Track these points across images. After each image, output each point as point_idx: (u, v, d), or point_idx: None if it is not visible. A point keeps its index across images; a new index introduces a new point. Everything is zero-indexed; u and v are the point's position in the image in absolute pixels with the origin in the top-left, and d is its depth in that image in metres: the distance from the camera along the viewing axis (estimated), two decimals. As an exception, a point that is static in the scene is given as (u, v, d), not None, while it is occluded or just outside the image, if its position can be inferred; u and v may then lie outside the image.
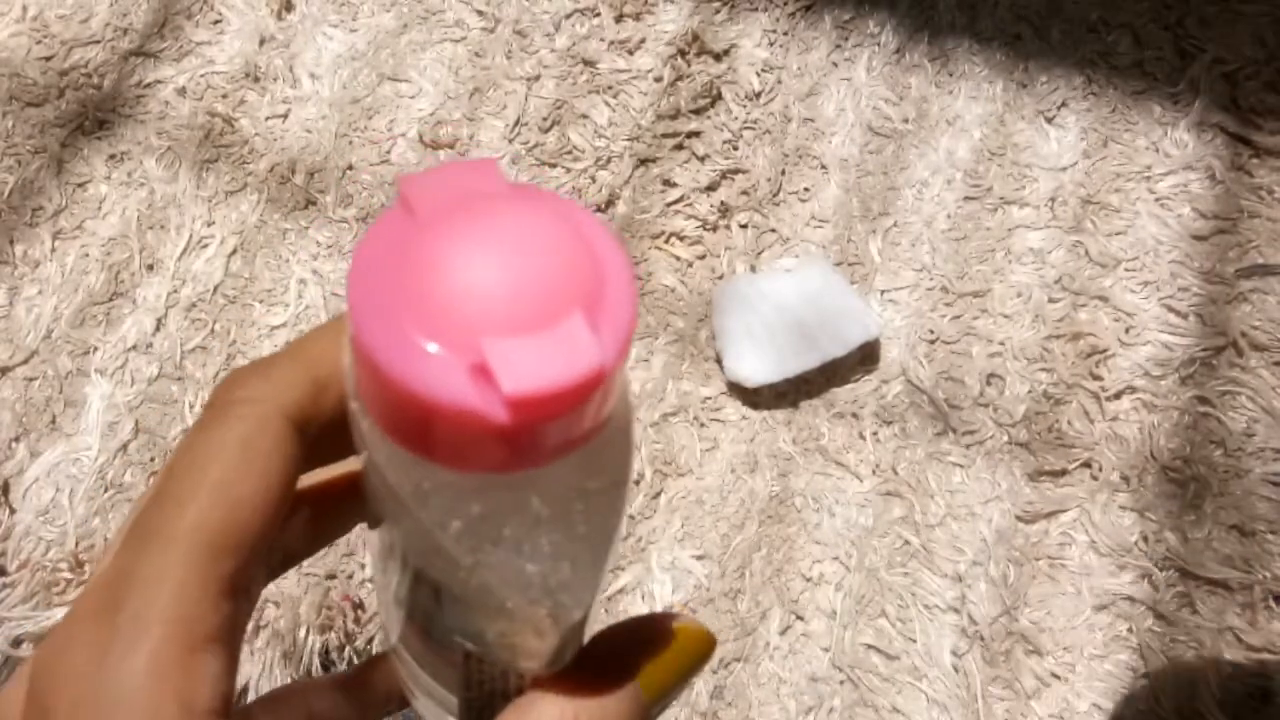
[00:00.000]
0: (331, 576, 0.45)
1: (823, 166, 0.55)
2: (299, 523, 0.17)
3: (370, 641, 0.44)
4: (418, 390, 0.11)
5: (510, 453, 0.12)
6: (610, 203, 0.53)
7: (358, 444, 0.14)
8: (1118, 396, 0.49)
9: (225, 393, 0.14)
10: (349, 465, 0.17)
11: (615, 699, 0.15)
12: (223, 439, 0.14)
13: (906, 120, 0.56)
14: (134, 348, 0.50)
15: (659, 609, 0.45)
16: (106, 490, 0.47)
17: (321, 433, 0.15)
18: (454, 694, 0.17)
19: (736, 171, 0.54)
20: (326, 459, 0.16)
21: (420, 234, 0.12)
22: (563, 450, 0.12)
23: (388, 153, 0.55)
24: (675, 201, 0.53)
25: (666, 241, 0.53)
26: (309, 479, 0.16)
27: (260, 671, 0.43)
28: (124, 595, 0.13)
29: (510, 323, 0.11)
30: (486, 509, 0.13)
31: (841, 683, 0.43)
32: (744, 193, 0.54)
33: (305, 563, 0.40)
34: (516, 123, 0.56)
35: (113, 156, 0.55)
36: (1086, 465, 0.47)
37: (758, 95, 0.56)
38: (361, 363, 0.12)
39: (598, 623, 0.16)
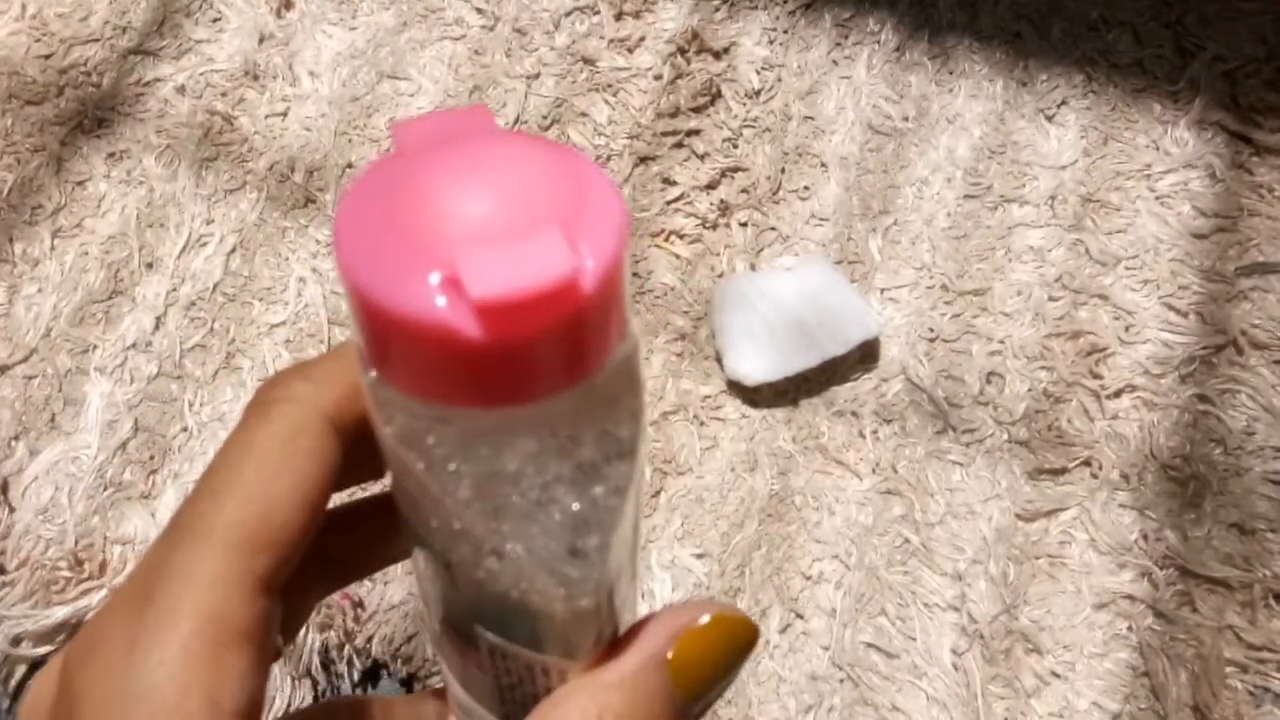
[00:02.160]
0: (331, 575, 0.45)
1: (823, 165, 0.55)
2: (363, 537, 0.17)
3: (370, 640, 0.44)
4: (393, 307, 0.11)
5: (495, 379, 0.11)
6: (610, 201, 0.53)
7: (372, 420, 0.13)
8: (1118, 395, 0.48)
9: (266, 392, 0.14)
10: None
11: (645, 689, 0.14)
12: (261, 437, 0.14)
13: (906, 118, 0.56)
14: (133, 346, 0.50)
15: (659, 607, 0.45)
16: (106, 489, 0.47)
17: (364, 436, 0.14)
18: (489, 709, 0.16)
19: (736, 170, 0.54)
20: (373, 468, 0.15)
21: (402, 166, 0.12)
22: (552, 382, 0.12)
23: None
24: (675, 200, 0.53)
25: (666, 240, 0.53)
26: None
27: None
28: (156, 589, 0.13)
29: (485, 238, 0.11)
30: (492, 466, 0.12)
31: (841, 681, 0.43)
32: (744, 191, 0.54)
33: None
34: (516, 120, 0.56)
35: (112, 155, 0.55)
36: (1086, 463, 0.47)
37: (757, 93, 0.56)
38: (346, 292, 0.12)
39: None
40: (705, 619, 0.15)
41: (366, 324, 0.12)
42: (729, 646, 0.15)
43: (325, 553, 0.16)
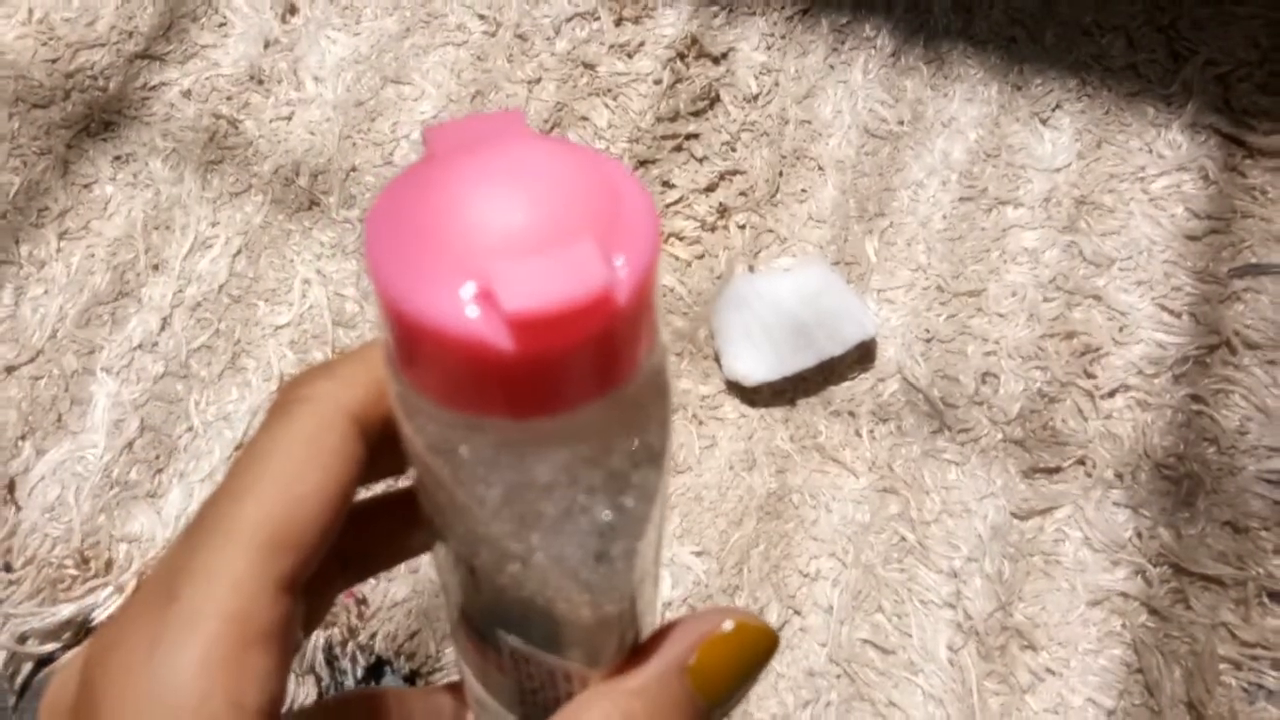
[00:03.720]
0: (334, 572, 0.45)
1: (820, 168, 0.55)
2: (383, 531, 0.17)
3: (373, 637, 0.44)
4: (425, 318, 0.11)
5: (527, 391, 0.11)
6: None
7: (399, 425, 0.13)
8: (1112, 395, 0.49)
9: (290, 391, 0.14)
10: None
11: (667, 696, 0.14)
12: (286, 436, 0.14)
13: (902, 122, 0.56)
14: (139, 347, 0.50)
15: (662, 608, 0.45)
16: (112, 488, 0.47)
17: (387, 434, 0.14)
18: (508, 709, 0.16)
19: (735, 173, 0.55)
20: (394, 466, 0.15)
21: (436, 172, 0.12)
22: (584, 393, 0.12)
23: (391, 155, 0.56)
24: (674, 202, 0.54)
25: (665, 242, 0.53)
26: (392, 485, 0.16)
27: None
28: (179, 588, 0.13)
29: (518, 249, 0.11)
30: (521, 476, 0.12)
31: (838, 677, 0.44)
32: (742, 194, 0.54)
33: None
34: (517, 125, 0.56)
35: (118, 158, 0.55)
36: (1081, 462, 0.47)
37: (755, 98, 0.57)
38: (378, 300, 0.12)
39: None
40: (727, 626, 0.15)
41: (398, 333, 0.12)
42: (750, 654, 0.15)
43: (346, 547, 0.16)
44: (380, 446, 0.15)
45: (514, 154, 0.12)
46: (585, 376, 0.12)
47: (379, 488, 0.17)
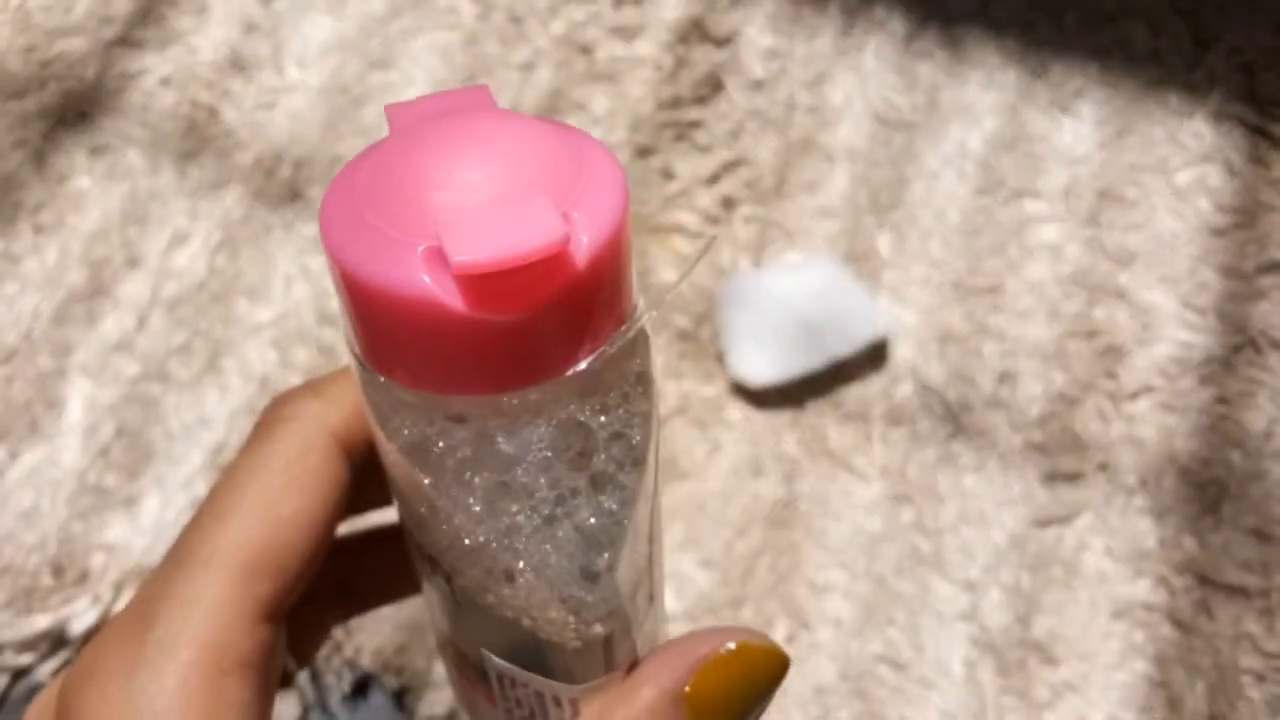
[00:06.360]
0: (320, 584, 0.43)
1: (829, 157, 0.53)
2: (382, 564, 0.17)
3: (359, 651, 0.42)
4: (376, 283, 0.11)
5: (489, 358, 0.11)
6: (609, 196, 0.52)
7: (374, 434, 0.13)
8: (1134, 397, 0.47)
9: (273, 410, 0.14)
10: None
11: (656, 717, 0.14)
12: (267, 457, 0.13)
13: (916, 109, 0.54)
14: (116, 346, 0.49)
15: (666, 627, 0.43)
16: (87, 494, 0.46)
17: (375, 457, 0.14)
18: None
19: (739, 163, 0.53)
20: (385, 494, 0.15)
21: (393, 144, 0.12)
22: (551, 363, 0.11)
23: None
24: (676, 194, 0.52)
25: (666, 236, 0.51)
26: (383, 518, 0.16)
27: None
28: (156, 615, 0.13)
29: (471, 209, 0.11)
30: (501, 475, 0.12)
31: (849, 693, 0.42)
32: (747, 185, 0.52)
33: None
34: (512, 113, 0.54)
35: (94, 149, 0.53)
36: (1103, 468, 0.46)
37: (761, 83, 0.55)
38: (335, 281, 0.12)
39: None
40: (729, 647, 0.14)
41: (353, 307, 0.11)
42: (755, 678, 0.14)
43: (342, 577, 0.15)
44: (368, 470, 0.14)
45: (475, 124, 0.12)
46: (551, 343, 0.11)
47: (377, 518, 0.17)
